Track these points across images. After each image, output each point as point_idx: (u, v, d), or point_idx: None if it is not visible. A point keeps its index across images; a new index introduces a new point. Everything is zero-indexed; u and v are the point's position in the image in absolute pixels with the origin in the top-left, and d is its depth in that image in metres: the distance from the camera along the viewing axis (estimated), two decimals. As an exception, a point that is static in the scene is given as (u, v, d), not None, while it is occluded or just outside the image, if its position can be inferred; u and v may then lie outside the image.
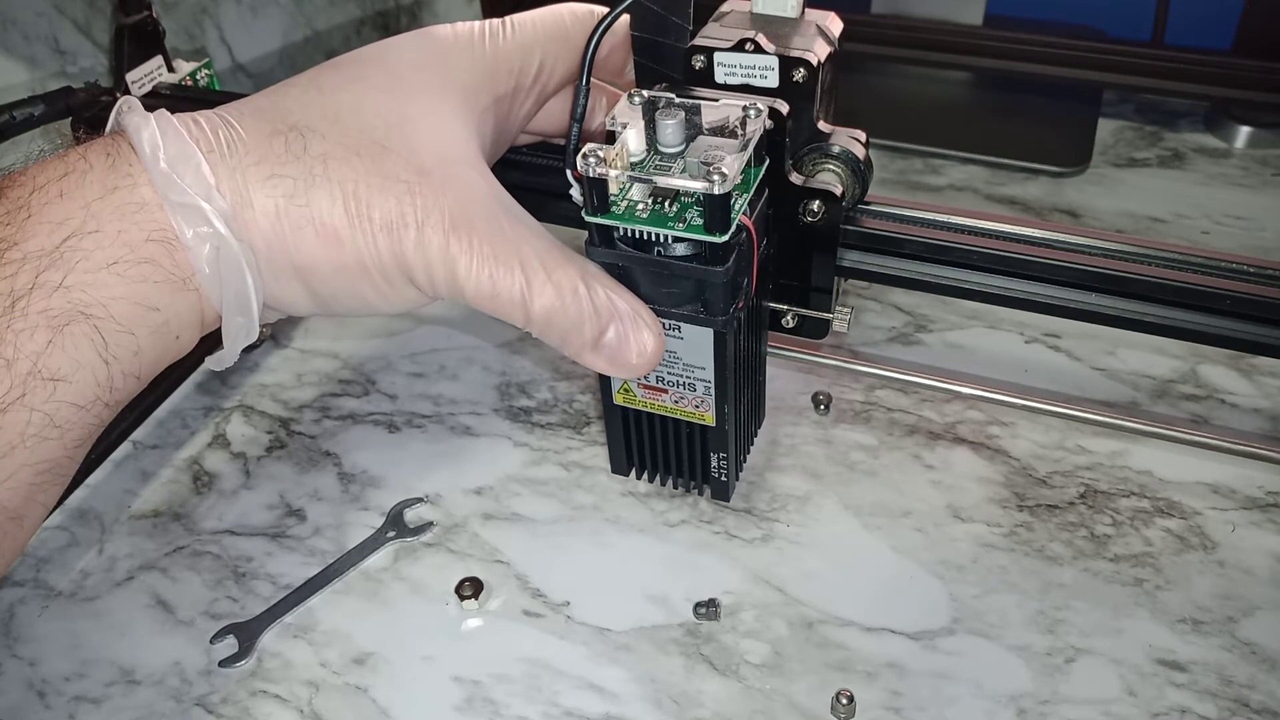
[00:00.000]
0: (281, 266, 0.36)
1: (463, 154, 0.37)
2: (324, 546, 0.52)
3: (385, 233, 0.35)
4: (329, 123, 0.36)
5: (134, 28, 0.55)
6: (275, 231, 0.35)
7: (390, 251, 0.36)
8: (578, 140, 0.41)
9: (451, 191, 0.36)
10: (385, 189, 0.35)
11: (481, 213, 0.36)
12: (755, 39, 0.42)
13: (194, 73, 0.58)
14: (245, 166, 0.35)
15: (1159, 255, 0.44)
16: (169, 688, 0.46)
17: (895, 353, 0.61)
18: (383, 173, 0.35)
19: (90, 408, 0.33)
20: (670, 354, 0.43)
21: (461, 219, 0.36)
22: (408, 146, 0.36)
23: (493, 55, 0.40)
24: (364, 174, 0.35)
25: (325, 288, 0.37)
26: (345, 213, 0.35)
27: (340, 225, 0.35)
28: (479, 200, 0.37)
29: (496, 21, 0.41)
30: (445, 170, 0.37)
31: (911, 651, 0.45)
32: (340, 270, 0.36)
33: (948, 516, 0.51)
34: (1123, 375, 0.58)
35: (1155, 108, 0.84)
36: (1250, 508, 0.51)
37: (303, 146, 0.35)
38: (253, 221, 0.35)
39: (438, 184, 0.36)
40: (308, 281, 0.37)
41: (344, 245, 0.35)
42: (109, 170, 0.34)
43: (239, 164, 0.35)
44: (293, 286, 0.37)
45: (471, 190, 0.37)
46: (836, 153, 0.45)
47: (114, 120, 0.37)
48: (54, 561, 0.52)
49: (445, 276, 0.36)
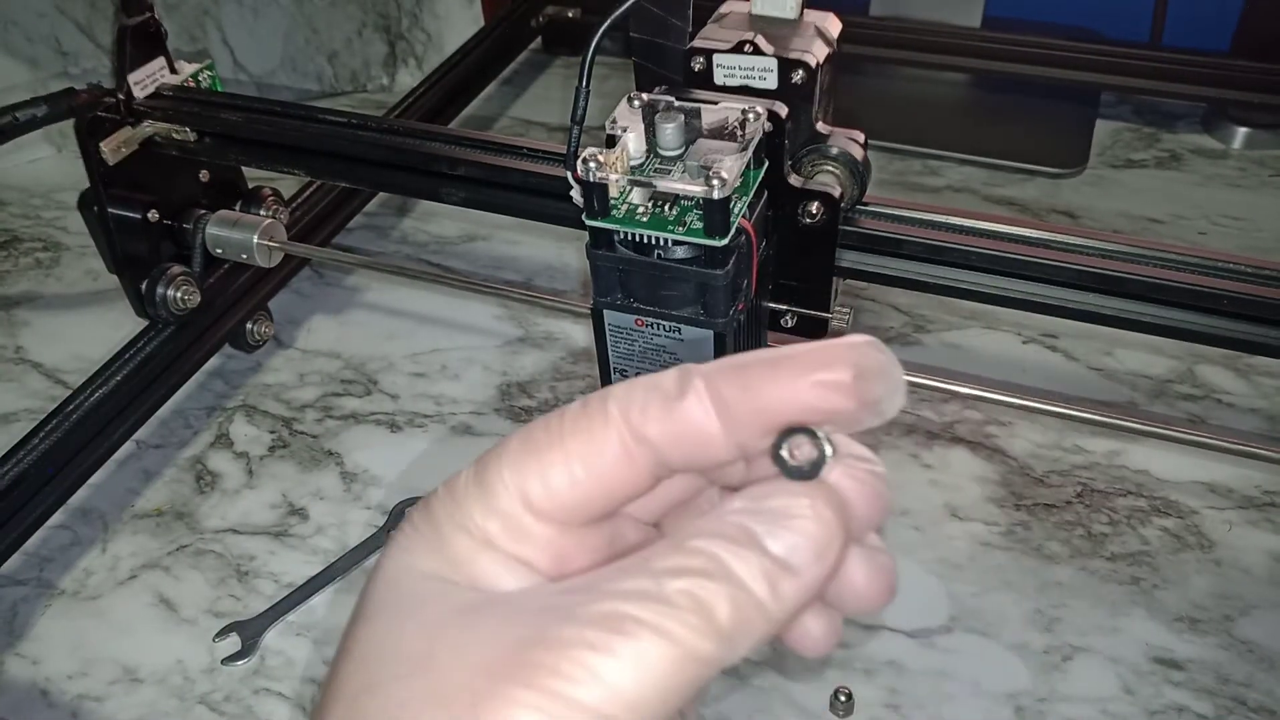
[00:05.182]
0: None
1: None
2: (326, 545, 0.52)
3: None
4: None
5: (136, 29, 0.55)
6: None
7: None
8: (578, 143, 0.41)
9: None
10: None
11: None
12: (754, 41, 0.42)
13: (196, 74, 0.58)
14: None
15: (1156, 256, 0.44)
16: (172, 686, 0.46)
17: (894, 353, 0.61)
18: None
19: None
20: (671, 355, 0.43)
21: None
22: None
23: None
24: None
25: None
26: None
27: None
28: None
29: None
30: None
31: (910, 649, 0.45)
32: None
33: (945, 515, 0.51)
34: (1120, 375, 0.59)
35: (1153, 109, 0.85)
36: (1247, 507, 0.51)
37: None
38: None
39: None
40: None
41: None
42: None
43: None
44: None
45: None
46: (835, 154, 0.45)
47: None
48: (57, 560, 0.53)
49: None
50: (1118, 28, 0.86)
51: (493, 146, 0.51)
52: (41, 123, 0.56)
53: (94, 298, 0.71)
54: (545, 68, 0.96)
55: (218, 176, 0.61)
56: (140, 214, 0.56)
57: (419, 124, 0.56)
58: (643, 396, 0.21)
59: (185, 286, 0.57)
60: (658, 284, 0.41)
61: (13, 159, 0.84)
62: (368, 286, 0.70)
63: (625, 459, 0.21)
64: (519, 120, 0.89)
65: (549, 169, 0.49)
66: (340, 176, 0.57)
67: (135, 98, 0.56)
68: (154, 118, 0.56)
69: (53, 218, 0.79)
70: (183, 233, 0.59)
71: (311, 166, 0.55)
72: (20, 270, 0.74)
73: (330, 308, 0.69)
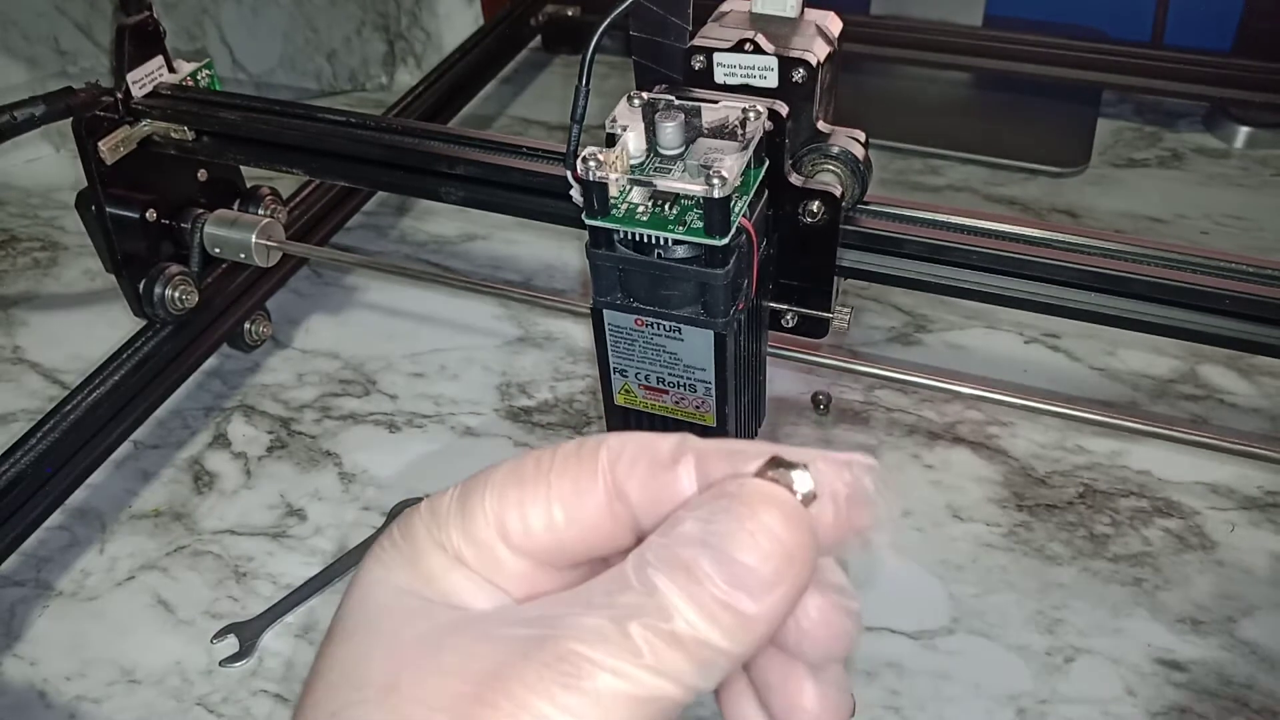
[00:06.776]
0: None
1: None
2: (325, 546, 0.52)
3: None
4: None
5: (135, 28, 0.55)
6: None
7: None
8: (577, 142, 0.41)
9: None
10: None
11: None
12: (755, 39, 0.42)
13: (195, 73, 0.58)
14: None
15: (1158, 255, 0.44)
16: (170, 687, 0.46)
17: (895, 353, 0.61)
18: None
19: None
20: (670, 355, 0.43)
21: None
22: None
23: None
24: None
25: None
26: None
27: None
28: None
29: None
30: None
31: (911, 651, 0.45)
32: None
33: (947, 516, 0.51)
34: (1122, 375, 0.59)
35: (1154, 108, 0.84)
36: (1249, 507, 0.51)
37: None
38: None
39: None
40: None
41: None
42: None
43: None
44: None
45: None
46: (836, 153, 0.45)
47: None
48: (55, 561, 0.53)
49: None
50: (1119, 27, 0.86)
51: (492, 145, 0.50)
52: (40, 122, 0.56)
53: (92, 297, 0.71)
54: (545, 66, 0.96)
55: (216, 176, 0.61)
56: (138, 213, 0.56)
57: (418, 123, 0.56)
58: (634, 452, 0.21)
59: (183, 286, 0.57)
60: (658, 284, 0.41)
61: (11, 158, 0.84)
62: (366, 286, 0.70)
63: (608, 511, 0.20)
64: (518, 119, 0.89)
65: (548, 168, 0.49)
66: (339, 175, 0.57)
67: (133, 97, 0.56)
68: (152, 117, 0.56)
69: (51, 217, 0.79)
70: (181, 232, 0.59)
71: (310, 166, 0.55)
72: (18, 270, 0.74)
73: (329, 307, 0.68)
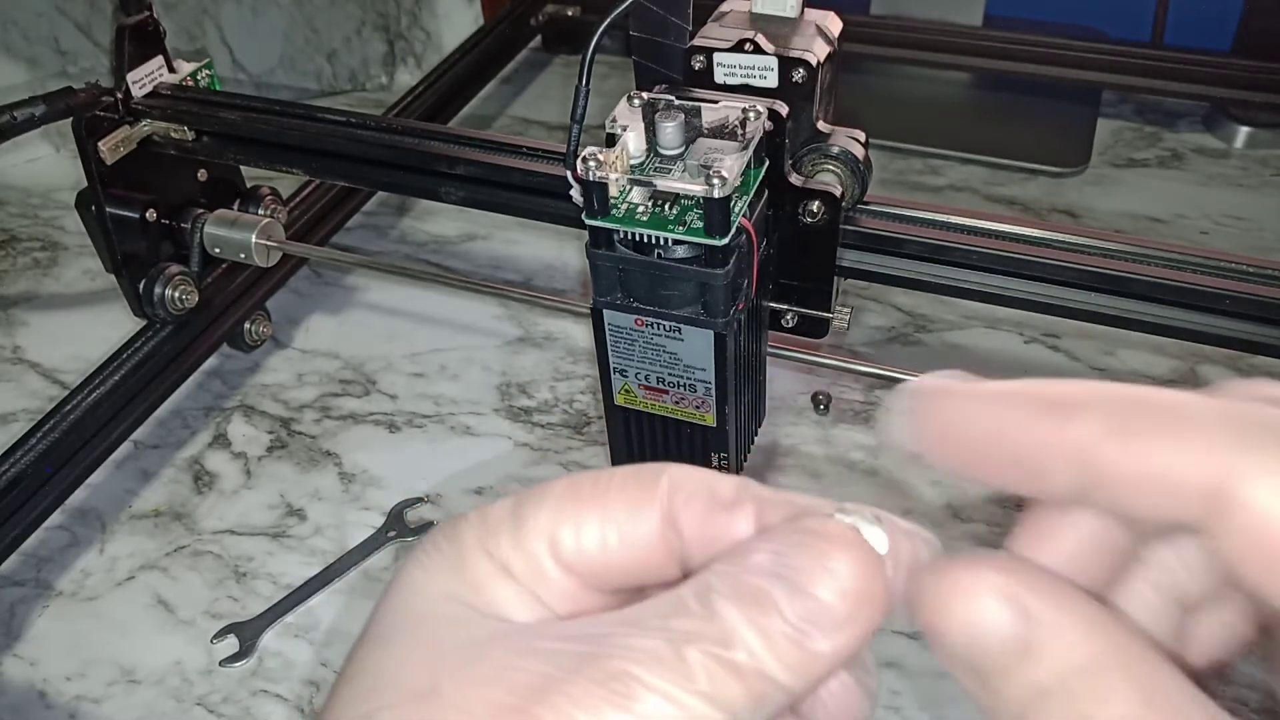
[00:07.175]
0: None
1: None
2: (324, 546, 0.52)
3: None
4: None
5: (134, 28, 0.55)
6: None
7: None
8: (577, 142, 0.41)
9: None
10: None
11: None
12: (755, 39, 0.42)
13: (194, 73, 0.58)
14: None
15: (1158, 255, 0.44)
16: (170, 687, 0.46)
17: (895, 353, 0.61)
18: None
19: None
20: (671, 355, 0.43)
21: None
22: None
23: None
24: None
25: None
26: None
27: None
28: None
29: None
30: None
31: (912, 650, 0.45)
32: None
33: (947, 516, 0.51)
34: (1122, 375, 0.59)
35: (1154, 108, 0.84)
36: (1249, 507, 0.51)
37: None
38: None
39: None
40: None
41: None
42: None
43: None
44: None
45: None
46: (836, 153, 0.45)
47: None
48: (55, 561, 0.53)
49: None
50: (1119, 27, 0.86)
51: (492, 145, 0.50)
52: (40, 122, 0.56)
53: (92, 297, 0.71)
54: (545, 66, 0.96)
55: (216, 175, 0.61)
56: (138, 213, 0.56)
57: (418, 123, 0.56)
58: (694, 487, 0.20)
59: (183, 286, 0.57)
60: (658, 284, 0.41)
61: (11, 158, 0.84)
62: (366, 286, 0.70)
63: (660, 539, 0.20)
64: (518, 119, 0.89)
65: (549, 168, 0.49)
66: (339, 175, 0.57)
67: (133, 97, 0.56)
68: (152, 117, 0.56)
69: (51, 217, 0.79)
70: (181, 232, 0.59)
71: (310, 165, 0.55)
72: (18, 270, 0.74)
73: (329, 307, 0.68)
